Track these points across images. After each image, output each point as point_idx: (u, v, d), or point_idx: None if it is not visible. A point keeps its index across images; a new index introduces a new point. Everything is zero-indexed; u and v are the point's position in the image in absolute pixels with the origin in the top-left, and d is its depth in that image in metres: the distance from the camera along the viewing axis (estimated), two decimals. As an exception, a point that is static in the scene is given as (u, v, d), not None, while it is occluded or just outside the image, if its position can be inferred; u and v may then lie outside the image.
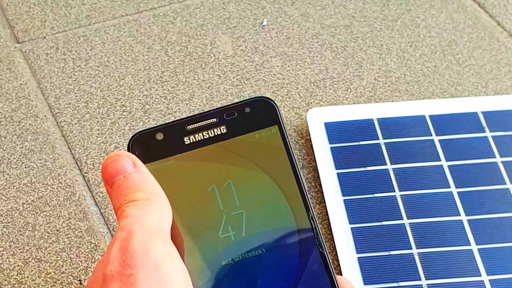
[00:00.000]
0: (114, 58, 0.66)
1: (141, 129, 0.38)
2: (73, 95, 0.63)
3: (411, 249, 0.51)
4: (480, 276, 0.50)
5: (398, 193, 0.54)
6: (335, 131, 0.58)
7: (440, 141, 0.58)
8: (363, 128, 0.59)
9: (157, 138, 0.38)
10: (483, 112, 0.60)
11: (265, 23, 0.69)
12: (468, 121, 0.59)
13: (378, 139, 0.58)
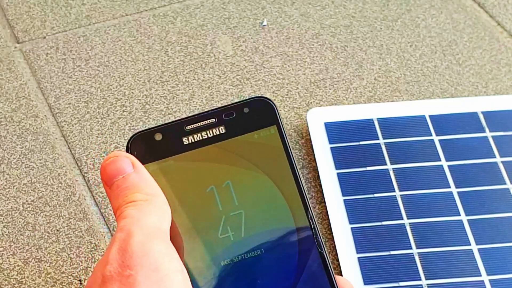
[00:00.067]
0: (114, 58, 0.66)
1: (139, 130, 0.38)
2: (73, 95, 0.63)
3: (411, 249, 0.51)
4: (480, 276, 0.50)
5: (398, 193, 0.54)
6: (335, 131, 0.58)
7: (440, 141, 0.58)
8: (363, 128, 0.58)
9: (155, 138, 0.38)
10: (483, 112, 0.60)
11: (265, 23, 0.69)
12: (468, 121, 0.59)
13: (378, 139, 0.58)
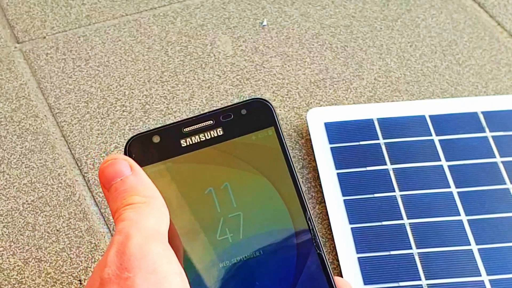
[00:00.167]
0: (114, 58, 0.66)
1: (137, 132, 0.38)
2: (73, 95, 0.63)
3: (411, 249, 0.51)
4: (480, 276, 0.50)
5: (398, 193, 0.54)
6: (335, 131, 0.58)
7: (440, 141, 0.58)
8: (363, 128, 0.58)
9: (153, 141, 0.38)
10: (483, 112, 0.60)
11: (265, 23, 0.69)
12: (468, 121, 0.59)
13: (378, 139, 0.58)
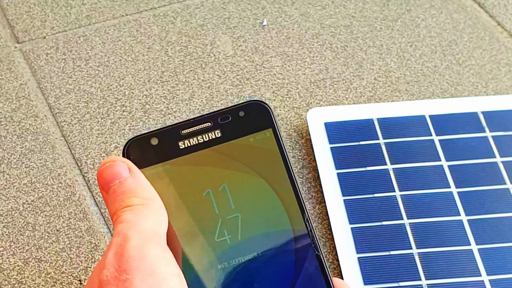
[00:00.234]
0: (114, 58, 0.66)
1: (135, 135, 0.39)
2: (73, 95, 0.63)
3: (411, 249, 0.51)
4: (480, 276, 0.50)
5: (398, 193, 0.54)
6: (335, 131, 0.58)
7: (440, 141, 0.58)
8: (363, 128, 0.59)
9: (152, 143, 0.38)
10: (483, 112, 0.60)
11: (265, 23, 0.69)
12: (468, 121, 0.59)
13: (378, 139, 0.58)
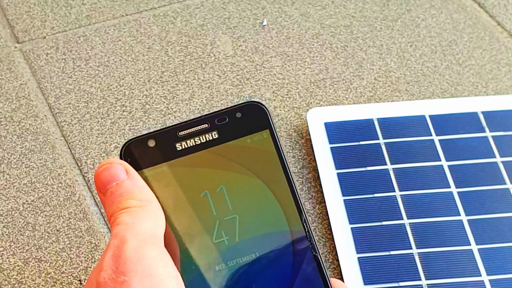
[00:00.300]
0: (114, 58, 0.66)
1: (132, 137, 0.39)
2: (73, 95, 0.63)
3: (411, 249, 0.51)
4: (480, 276, 0.50)
5: (398, 193, 0.54)
6: (335, 131, 0.58)
7: (440, 141, 0.58)
8: (363, 128, 0.59)
9: (149, 145, 0.38)
10: (483, 112, 0.60)
11: (265, 23, 0.69)
12: (468, 121, 0.59)
13: (378, 139, 0.58)
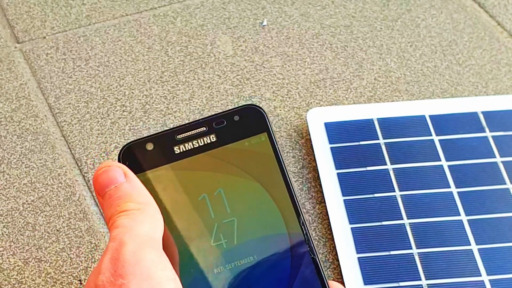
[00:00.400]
0: (114, 58, 0.66)
1: (131, 140, 0.39)
2: (73, 95, 0.63)
3: (411, 249, 0.51)
4: (480, 276, 0.50)
5: (398, 193, 0.54)
6: (335, 131, 0.58)
7: (440, 141, 0.58)
8: (363, 128, 0.59)
9: (147, 148, 0.38)
10: (483, 112, 0.60)
11: (265, 23, 0.69)
12: (468, 121, 0.59)
13: (378, 139, 0.58)
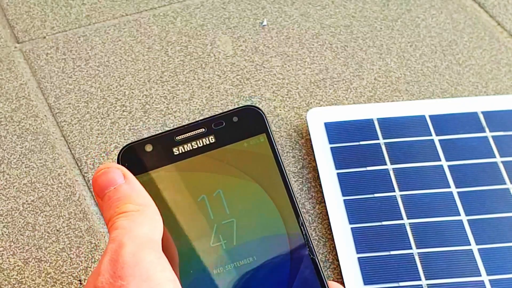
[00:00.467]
0: (114, 58, 0.66)
1: (130, 142, 0.39)
2: (73, 95, 0.63)
3: (411, 249, 0.51)
4: (480, 276, 0.50)
5: (398, 193, 0.54)
6: (335, 131, 0.58)
7: (440, 141, 0.58)
8: (363, 128, 0.59)
9: (146, 149, 0.38)
10: (483, 112, 0.60)
11: (265, 23, 0.69)
12: (468, 121, 0.59)
13: (378, 139, 0.58)
